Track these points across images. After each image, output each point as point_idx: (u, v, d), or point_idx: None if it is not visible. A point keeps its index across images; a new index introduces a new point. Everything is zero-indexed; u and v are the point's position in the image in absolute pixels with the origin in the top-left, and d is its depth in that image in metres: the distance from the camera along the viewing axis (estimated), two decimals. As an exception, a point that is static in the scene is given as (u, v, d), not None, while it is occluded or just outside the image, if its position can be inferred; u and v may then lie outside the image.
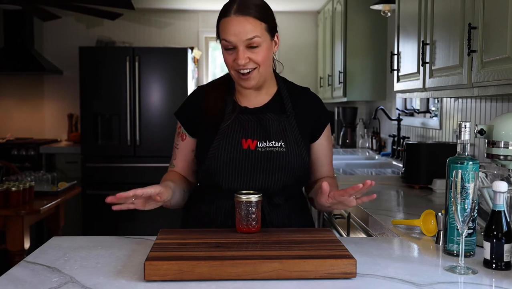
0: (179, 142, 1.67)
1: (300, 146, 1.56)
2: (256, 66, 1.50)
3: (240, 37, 1.46)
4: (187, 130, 1.64)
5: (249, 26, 1.46)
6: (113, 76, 4.80)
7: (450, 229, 1.37)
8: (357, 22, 4.22)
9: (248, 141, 1.54)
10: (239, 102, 1.61)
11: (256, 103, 1.61)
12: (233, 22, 1.46)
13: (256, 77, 1.52)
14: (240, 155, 1.54)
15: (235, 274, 1.15)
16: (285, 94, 1.62)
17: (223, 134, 1.55)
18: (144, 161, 4.79)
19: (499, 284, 1.17)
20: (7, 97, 5.53)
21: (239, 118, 1.57)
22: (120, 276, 1.19)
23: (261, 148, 1.54)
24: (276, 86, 1.65)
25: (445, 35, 2.13)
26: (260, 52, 1.49)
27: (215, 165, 1.54)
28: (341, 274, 1.17)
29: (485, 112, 2.45)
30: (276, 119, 1.57)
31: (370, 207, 2.11)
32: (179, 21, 5.60)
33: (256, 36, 1.47)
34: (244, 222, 1.39)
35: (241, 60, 1.47)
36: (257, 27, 1.47)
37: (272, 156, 1.53)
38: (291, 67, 5.67)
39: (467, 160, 1.34)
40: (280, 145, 1.54)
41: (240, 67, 1.49)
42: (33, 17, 5.14)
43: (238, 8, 1.47)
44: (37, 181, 3.59)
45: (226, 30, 1.48)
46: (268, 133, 1.55)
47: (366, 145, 4.50)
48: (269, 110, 1.59)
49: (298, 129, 1.58)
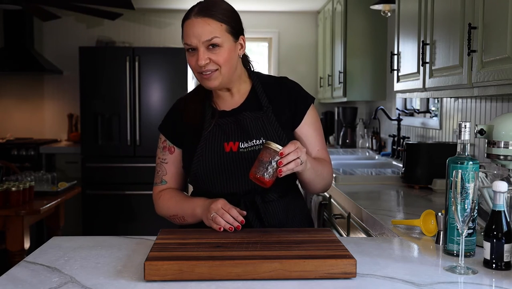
0: (167, 156, 1.66)
1: (282, 139, 1.56)
2: (217, 68, 1.51)
3: (199, 39, 1.48)
4: (174, 143, 1.65)
5: (207, 28, 1.48)
6: (113, 76, 4.80)
7: (450, 229, 1.37)
8: (357, 22, 4.22)
9: (230, 144, 1.55)
10: (217, 107, 1.62)
11: (232, 104, 1.62)
12: (193, 24, 1.49)
13: (218, 77, 1.52)
14: (223, 159, 1.54)
15: (235, 274, 1.15)
16: (259, 90, 1.62)
17: (205, 141, 1.57)
18: (144, 161, 4.79)
19: (499, 284, 1.17)
20: (7, 97, 5.53)
21: (219, 122, 1.58)
22: (120, 276, 1.19)
23: (243, 148, 1.55)
24: (249, 84, 1.64)
25: (445, 35, 2.13)
26: (221, 53, 1.50)
27: (201, 172, 1.55)
28: (341, 274, 1.17)
29: (485, 112, 2.45)
30: (254, 117, 1.57)
31: (370, 207, 2.11)
32: (179, 21, 5.55)
33: (215, 37, 1.48)
34: (263, 169, 1.36)
35: (200, 61, 1.48)
36: (216, 29, 1.49)
37: (255, 154, 1.52)
38: (291, 67, 5.67)
39: (467, 160, 1.34)
40: (261, 142, 1.55)
41: (201, 68, 1.50)
42: (33, 17, 5.14)
43: (199, 11, 1.50)
44: (37, 181, 3.59)
45: (186, 32, 1.51)
46: (248, 133, 1.56)
47: (366, 145, 4.50)
48: (246, 109, 1.59)
49: (278, 122, 1.58)
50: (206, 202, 1.51)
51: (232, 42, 1.53)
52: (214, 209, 1.45)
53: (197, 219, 1.54)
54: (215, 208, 1.45)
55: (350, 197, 2.35)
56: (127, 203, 4.84)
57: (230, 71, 1.54)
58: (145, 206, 4.74)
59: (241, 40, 1.57)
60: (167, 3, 5.22)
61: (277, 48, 5.65)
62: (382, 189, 2.61)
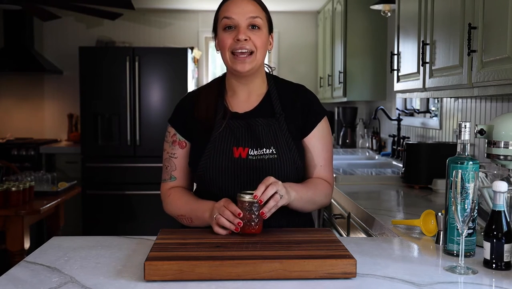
0: (177, 151, 1.61)
1: (292, 149, 1.54)
2: (253, 50, 1.50)
3: (243, 14, 1.48)
4: (185, 137, 1.61)
5: (252, 7, 1.50)
6: (113, 76, 4.80)
7: (450, 229, 1.37)
8: (357, 22, 4.22)
9: (239, 149, 1.52)
10: (230, 106, 1.59)
11: (246, 106, 1.59)
12: (237, 1, 1.50)
13: (252, 62, 1.51)
14: (232, 164, 1.51)
15: (235, 274, 1.15)
16: (274, 95, 1.60)
17: (214, 142, 1.53)
18: (144, 161, 4.79)
19: (499, 284, 1.17)
20: (7, 97, 5.53)
21: (230, 124, 1.55)
22: (120, 276, 1.19)
23: (253, 155, 1.51)
24: (266, 87, 1.62)
25: (445, 35, 2.13)
26: (260, 36, 1.51)
27: (208, 174, 1.52)
28: (341, 274, 1.17)
29: (485, 112, 2.45)
30: (266, 124, 1.55)
31: (370, 207, 2.11)
32: (179, 21, 5.60)
33: (259, 17, 1.50)
34: (248, 222, 1.37)
35: (242, 35, 1.47)
36: (260, 11, 1.52)
37: (264, 163, 1.51)
38: (291, 67, 5.67)
39: (467, 160, 1.34)
40: (271, 152, 1.52)
41: (239, 45, 1.48)
42: (33, 17, 5.14)
43: None
44: (37, 181, 3.59)
45: (229, 8, 1.50)
46: (259, 140, 1.53)
47: (366, 144, 4.50)
48: (259, 114, 1.56)
49: (289, 131, 1.56)
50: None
51: (267, 33, 1.55)
52: (217, 207, 1.42)
53: (205, 223, 1.49)
54: (218, 206, 1.42)
55: (350, 197, 2.35)
56: (127, 203, 4.84)
57: (262, 59, 1.55)
58: (145, 206, 4.73)
59: (271, 38, 1.59)
60: (167, 3, 5.22)
61: (277, 48, 5.65)
62: (382, 189, 2.61)
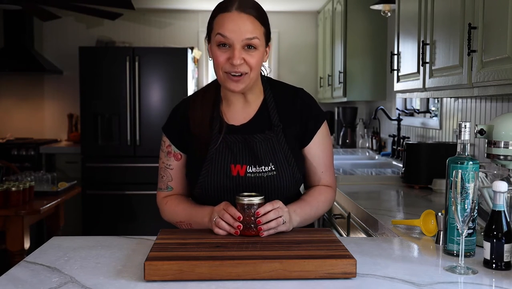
0: (172, 162, 1.57)
1: (291, 163, 1.50)
2: (248, 71, 1.41)
3: (239, 35, 1.37)
4: (180, 149, 1.56)
5: (250, 26, 1.38)
6: (113, 76, 4.80)
7: (450, 229, 1.37)
8: (357, 22, 4.22)
9: (237, 166, 1.47)
10: (225, 117, 1.53)
11: (242, 117, 1.53)
12: (234, 17, 1.38)
13: (246, 81, 1.43)
14: (230, 182, 1.48)
15: (235, 274, 1.15)
16: (271, 103, 1.53)
17: (211, 160, 1.48)
18: (144, 161, 4.80)
19: (499, 284, 1.17)
20: (7, 97, 5.53)
21: (226, 139, 1.49)
22: (120, 276, 1.19)
23: (251, 172, 1.47)
24: (262, 95, 1.55)
25: (445, 35, 2.13)
26: (256, 56, 1.41)
27: (206, 192, 1.49)
28: (341, 274, 1.17)
29: (485, 112, 2.45)
30: (264, 140, 1.49)
31: (370, 207, 2.11)
32: (179, 21, 5.60)
33: (256, 38, 1.39)
34: (245, 225, 1.37)
35: (236, 60, 1.38)
36: (258, 29, 1.40)
37: (263, 181, 1.47)
38: (291, 67, 5.67)
39: (467, 160, 1.34)
40: (270, 169, 1.47)
41: (233, 68, 1.40)
42: (33, 17, 5.14)
43: (241, 6, 1.39)
44: (37, 181, 3.59)
45: (224, 24, 1.38)
46: (257, 157, 1.47)
47: (366, 145, 4.50)
48: (256, 126, 1.51)
49: (287, 144, 1.51)
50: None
51: (264, 47, 1.45)
52: (216, 211, 1.41)
53: (204, 228, 1.47)
54: (218, 209, 1.41)
55: (350, 197, 2.35)
56: (127, 203, 4.84)
57: (257, 75, 1.46)
58: (145, 206, 4.74)
59: (268, 48, 1.48)
60: (167, 3, 5.22)
61: (277, 48, 5.65)
62: (382, 189, 2.61)
